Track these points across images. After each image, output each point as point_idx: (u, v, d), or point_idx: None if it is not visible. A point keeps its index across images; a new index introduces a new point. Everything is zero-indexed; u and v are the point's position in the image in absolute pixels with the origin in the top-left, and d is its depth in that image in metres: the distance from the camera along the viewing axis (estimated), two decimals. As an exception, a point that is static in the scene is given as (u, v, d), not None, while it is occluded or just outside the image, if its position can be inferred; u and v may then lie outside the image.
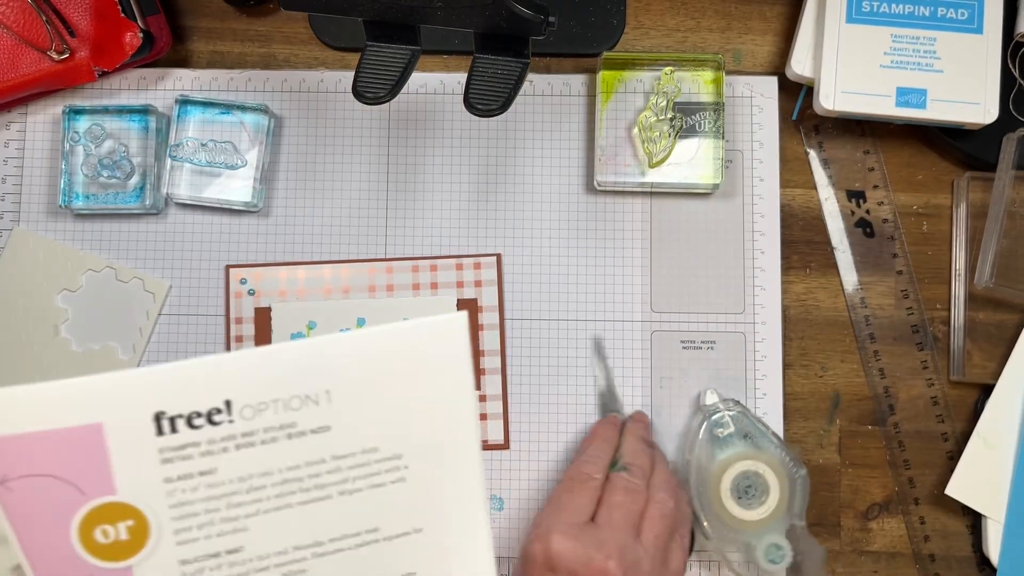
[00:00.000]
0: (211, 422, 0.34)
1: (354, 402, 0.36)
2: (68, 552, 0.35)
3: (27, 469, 0.34)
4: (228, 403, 0.34)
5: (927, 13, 0.57)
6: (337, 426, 0.36)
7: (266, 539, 0.36)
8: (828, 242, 0.61)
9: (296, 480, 0.36)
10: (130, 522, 0.35)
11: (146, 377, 0.34)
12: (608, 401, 0.59)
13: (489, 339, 0.60)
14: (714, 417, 0.57)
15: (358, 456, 0.36)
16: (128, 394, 0.34)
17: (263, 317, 0.60)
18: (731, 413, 0.57)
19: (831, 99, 0.57)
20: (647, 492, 0.51)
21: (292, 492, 0.36)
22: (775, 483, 0.55)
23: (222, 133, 0.60)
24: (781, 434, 0.59)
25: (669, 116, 0.59)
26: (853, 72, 0.57)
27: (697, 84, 0.60)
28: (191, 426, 0.34)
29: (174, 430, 0.34)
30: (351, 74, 0.51)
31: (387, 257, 0.61)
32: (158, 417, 0.34)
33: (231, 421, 0.35)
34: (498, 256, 0.61)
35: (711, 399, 0.58)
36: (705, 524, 0.55)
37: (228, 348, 0.60)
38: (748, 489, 0.55)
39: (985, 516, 0.57)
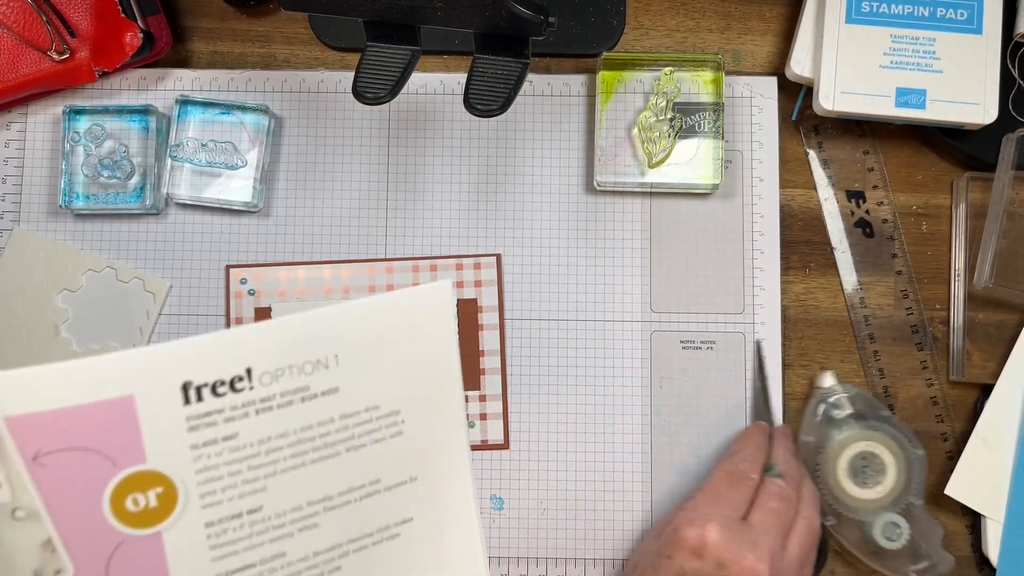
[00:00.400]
0: (234, 389, 0.37)
1: (359, 364, 0.39)
2: (100, 522, 0.36)
3: (60, 443, 0.35)
4: (249, 371, 0.37)
5: (926, 13, 0.57)
6: (344, 387, 0.39)
7: (283, 497, 0.38)
8: (828, 242, 0.61)
9: (309, 440, 0.38)
10: (159, 489, 0.36)
11: (174, 349, 0.36)
12: (760, 407, 0.59)
13: (489, 339, 0.60)
14: (831, 399, 0.57)
15: (362, 414, 0.39)
16: (158, 366, 0.36)
17: (263, 317, 0.60)
18: (848, 395, 0.57)
19: (831, 99, 0.57)
20: (798, 504, 0.51)
21: (305, 451, 0.38)
22: (892, 463, 0.56)
23: (222, 133, 0.60)
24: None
25: (669, 116, 0.59)
26: (852, 72, 0.57)
27: (697, 84, 0.60)
28: (215, 394, 0.36)
29: (200, 398, 0.36)
30: (351, 74, 0.51)
31: (387, 257, 0.61)
32: (185, 387, 0.36)
33: (251, 388, 0.37)
34: (498, 256, 0.61)
35: (828, 381, 0.58)
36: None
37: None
38: (864, 469, 0.56)
39: (984, 516, 0.57)
